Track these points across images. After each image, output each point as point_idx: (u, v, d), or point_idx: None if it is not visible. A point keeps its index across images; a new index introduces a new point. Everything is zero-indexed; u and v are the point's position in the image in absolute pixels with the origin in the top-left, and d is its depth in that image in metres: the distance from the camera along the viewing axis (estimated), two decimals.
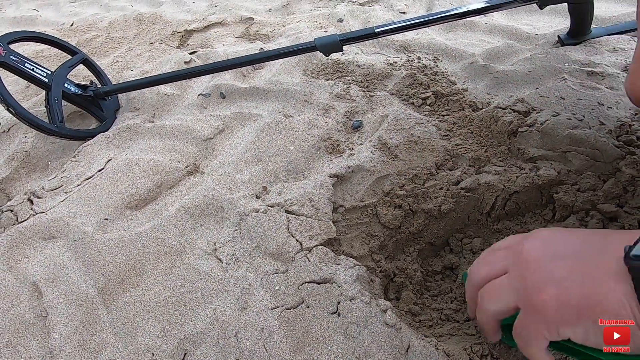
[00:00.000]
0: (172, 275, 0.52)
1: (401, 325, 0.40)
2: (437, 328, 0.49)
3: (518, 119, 0.63)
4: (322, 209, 0.57)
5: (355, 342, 0.39)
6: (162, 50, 1.16)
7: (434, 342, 0.39)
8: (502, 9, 0.80)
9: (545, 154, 0.57)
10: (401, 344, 0.38)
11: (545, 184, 0.54)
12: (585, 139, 0.55)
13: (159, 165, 0.71)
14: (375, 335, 0.39)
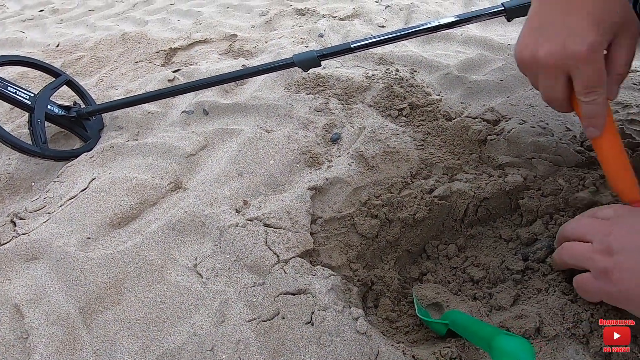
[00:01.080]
0: (153, 292, 0.53)
1: (372, 333, 0.41)
2: (412, 334, 0.50)
3: (487, 127, 0.65)
4: (300, 221, 0.58)
5: (328, 351, 0.40)
6: (146, 68, 1.18)
7: (402, 348, 0.40)
8: (471, 22, 0.83)
9: (513, 160, 0.60)
10: (371, 350, 0.39)
11: (513, 189, 0.56)
12: (548, 145, 0.57)
13: (142, 182, 0.73)
14: (347, 343, 0.40)
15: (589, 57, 0.36)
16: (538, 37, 0.39)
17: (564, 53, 0.37)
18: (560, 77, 0.39)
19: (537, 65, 0.39)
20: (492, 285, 0.53)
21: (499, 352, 0.29)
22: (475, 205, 0.58)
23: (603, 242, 0.36)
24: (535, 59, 0.39)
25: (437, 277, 0.57)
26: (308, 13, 1.42)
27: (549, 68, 0.38)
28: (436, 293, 0.52)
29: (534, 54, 0.39)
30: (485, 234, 0.59)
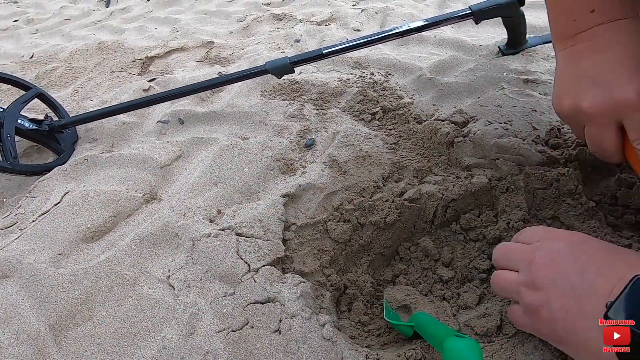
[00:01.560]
0: (124, 306, 0.52)
1: (337, 338, 0.42)
2: (384, 336, 0.51)
3: (454, 130, 0.66)
4: (272, 228, 0.59)
5: (294, 358, 0.40)
6: (122, 78, 1.17)
7: (365, 352, 0.41)
8: (440, 25, 0.85)
9: (479, 162, 0.61)
10: (336, 356, 0.40)
11: (478, 190, 0.57)
12: (510, 146, 0.59)
13: (116, 195, 0.72)
14: (313, 349, 0.41)
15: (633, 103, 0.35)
16: (577, 87, 0.38)
17: (612, 101, 0.35)
18: (609, 126, 0.37)
19: (582, 116, 0.38)
20: (460, 284, 0.54)
21: (448, 353, 0.30)
22: (443, 207, 0.59)
23: (527, 273, 0.36)
24: (580, 109, 0.37)
25: (410, 279, 0.58)
26: (285, 18, 1.42)
27: (597, 117, 0.37)
28: (406, 295, 0.53)
29: (577, 104, 0.37)
30: (455, 235, 0.60)
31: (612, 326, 0.24)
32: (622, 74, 0.35)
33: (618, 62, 0.36)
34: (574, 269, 0.33)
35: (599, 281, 0.32)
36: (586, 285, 0.32)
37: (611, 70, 0.36)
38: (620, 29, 0.36)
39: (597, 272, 0.32)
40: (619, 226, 0.51)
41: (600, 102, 0.36)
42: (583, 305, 0.31)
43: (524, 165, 0.57)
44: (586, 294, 0.32)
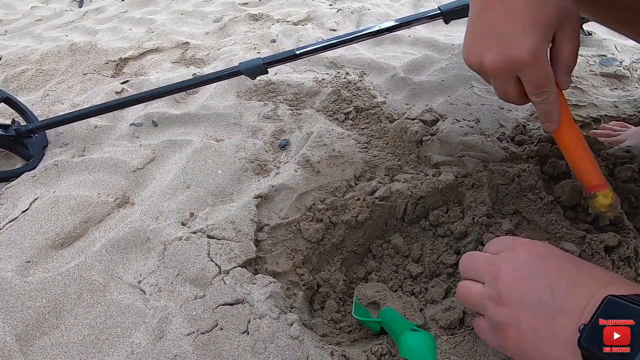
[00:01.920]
0: (93, 313, 0.52)
1: (304, 337, 0.42)
2: (355, 333, 0.52)
3: (423, 128, 0.68)
4: (244, 230, 0.59)
5: (261, 358, 0.41)
6: (95, 80, 1.15)
7: (331, 349, 0.41)
8: (411, 26, 0.86)
9: (446, 159, 0.63)
10: (302, 354, 0.40)
11: (445, 187, 0.59)
12: (474, 144, 0.61)
13: (86, 200, 0.71)
14: (280, 349, 0.42)
15: (531, 60, 0.37)
16: (481, 42, 0.39)
17: (508, 60, 0.37)
18: (509, 80, 0.40)
19: (486, 71, 0.40)
20: (429, 279, 0.55)
21: (402, 346, 0.31)
22: (413, 204, 0.61)
23: (492, 286, 0.35)
24: (483, 66, 0.40)
25: (381, 276, 0.59)
26: (262, 18, 1.42)
27: (497, 73, 0.39)
28: (375, 291, 0.54)
29: (481, 61, 0.39)
30: (425, 231, 0.61)
31: (612, 326, 0.23)
32: (519, 29, 0.36)
33: (518, 16, 0.36)
34: (543, 285, 0.32)
35: (569, 300, 0.31)
36: (557, 305, 0.31)
37: (510, 25, 0.37)
38: None
39: (567, 290, 0.31)
40: (576, 218, 0.53)
41: (499, 60, 0.38)
42: (554, 327, 0.30)
43: (488, 162, 0.59)
44: (557, 313, 0.30)
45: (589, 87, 0.82)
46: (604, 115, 0.74)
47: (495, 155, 0.59)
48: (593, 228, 0.50)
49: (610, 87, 0.83)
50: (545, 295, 0.31)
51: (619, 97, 0.79)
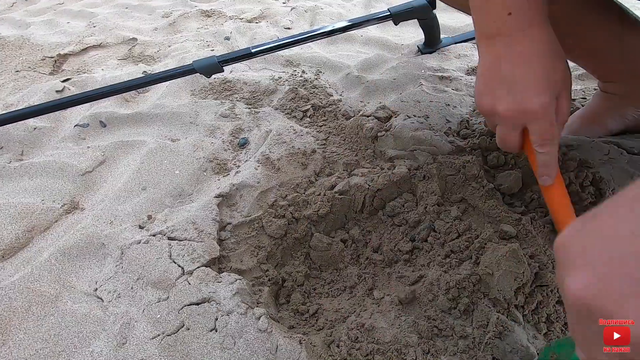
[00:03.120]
0: (45, 325, 0.49)
1: (272, 329, 0.44)
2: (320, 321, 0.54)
3: (378, 125, 0.72)
4: (206, 230, 0.59)
5: (231, 353, 0.41)
6: (30, 78, 1.06)
7: (299, 338, 0.43)
8: (362, 26, 0.90)
9: (399, 153, 0.67)
10: (271, 345, 0.42)
11: (400, 180, 0.63)
12: (424, 138, 0.65)
13: (29, 207, 0.66)
14: (249, 342, 0.43)
15: (543, 114, 0.41)
16: (495, 90, 0.43)
17: (522, 110, 0.42)
18: (517, 129, 0.44)
19: (496, 117, 0.44)
20: (388, 266, 0.59)
21: None
22: (370, 197, 0.64)
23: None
24: (495, 111, 0.43)
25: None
26: (214, 15, 1.39)
27: (507, 120, 0.43)
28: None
29: (493, 107, 0.43)
30: (383, 222, 0.65)
31: (612, 326, 0.22)
32: (533, 85, 0.41)
33: (533, 73, 0.41)
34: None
35: None
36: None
37: (525, 79, 0.42)
38: (534, 37, 0.42)
39: None
40: (513, 204, 0.59)
41: (512, 109, 0.42)
42: None
43: (437, 154, 0.64)
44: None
45: None
46: None
47: (443, 149, 0.64)
48: (527, 210, 0.56)
49: None
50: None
51: None
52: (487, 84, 0.44)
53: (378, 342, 0.45)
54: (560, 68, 0.43)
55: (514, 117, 0.43)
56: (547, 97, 0.41)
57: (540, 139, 0.43)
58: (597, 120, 0.67)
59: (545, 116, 0.42)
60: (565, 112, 0.44)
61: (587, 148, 0.63)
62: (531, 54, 0.42)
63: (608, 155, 0.62)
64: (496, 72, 0.43)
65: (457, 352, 0.43)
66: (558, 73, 0.42)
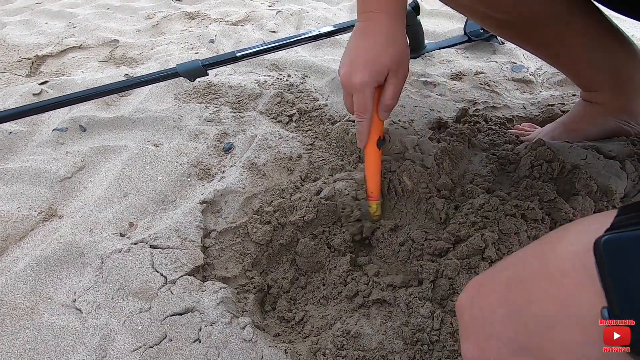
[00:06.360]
0: (20, 339, 0.47)
1: (257, 338, 0.43)
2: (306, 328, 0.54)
3: None
4: (190, 237, 0.58)
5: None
6: (6, 80, 1.03)
7: (284, 347, 0.43)
8: (348, 31, 0.90)
9: (385, 158, 0.67)
10: (256, 355, 0.41)
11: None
12: (407, 141, 0.66)
13: (3, 215, 0.64)
14: (234, 353, 0.42)
15: (359, 89, 0.49)
16: (345, 59, 0.52)
17: (348, 81, 0.50)
18: (348, 95, 0.53)
19: (353, 87, 0.51)
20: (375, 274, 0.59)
21: None
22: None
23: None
24: (351, 82, 0.51)
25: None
26: (199, 17, 1.37)
27: (343, 86, 0.52)
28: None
29: (339, 74, 0.52)
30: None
31: (612, 326, 0.21)
32: (361, 62, 0.49)
33: (364, 55, 0.50)
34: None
35: None
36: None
37: (358, 56, 0.50)
38: (382, 21, 0.50)
39: None
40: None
41: (344, 78, 0.51)
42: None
43: (422, 159, 0.64)
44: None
45: (503, 91, 0.93)
46: (516, 115, 0.84)
47: (426, 151, 0.65)
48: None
49: (520, 90, 0.95)
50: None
51: (527, 99, 0.91)
52: (346, 51, 0.53)
53: (364, 349, 0.45)
54: (390, 53, 0.49)
55: (345, 85, 0.51)
56: (367, 77, 0.48)
57: (357, 109, 0.51)
58: (577, 128, 0.68)
59: (362, 91, 0.49)
60: (389, 96, 0.51)
61: (565, 152, 0.65)
62: (373, 34, 0.50)
63: (585, 159, 0.64)
64: (351, 43, 0.53)
65: (441, 357, 0.44)
66: (387, 59, 0.49)
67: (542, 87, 0.97)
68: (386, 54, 0.49)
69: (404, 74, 0.51)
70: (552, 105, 0.85)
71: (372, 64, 0.49)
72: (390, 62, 0.49)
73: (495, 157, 0.68)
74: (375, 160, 0.57)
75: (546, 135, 0.72)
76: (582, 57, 0.63)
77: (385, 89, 0.51)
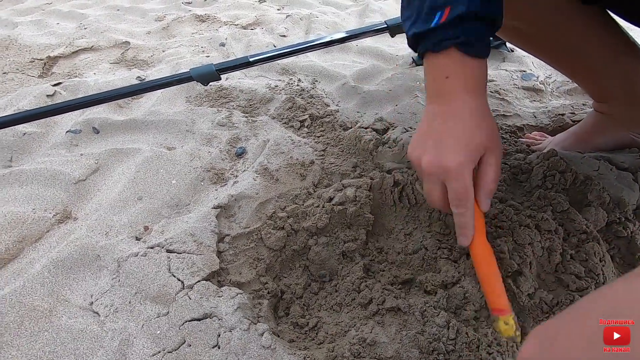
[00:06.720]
0: (40, 342, 0.48)
1: (276, 345, 0.43)
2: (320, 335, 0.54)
3: (376, 137, 0.72)
4: (205, 242, 0.58)
5: None
6: (18, 81, 1.04)
7: (303, 355, 0.43)
8: (360, 38, 0.91)
9: (398, 166, 0.68)
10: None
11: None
12: None
13: (19, 217, 0.64)
14: (253, 359, 0.42)
15: (457, 173, 0.42)
16: (424, 144, 0.45)
17: (438, 165, 0.43)
18: (437, 184, 0.45)
19: (421, 170, 0.46)
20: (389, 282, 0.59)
21: None
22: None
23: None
24: (419, 164, 0.45)
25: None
26: (208, 20, 1.38)
27: (427, 174, 0.45)
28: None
29: (419, 159, 0.45)
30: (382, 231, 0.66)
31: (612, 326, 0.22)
32: (453, 143, 0.43)
33: (455, 133, 0.43)
34: None
35: None
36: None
37: (448, 138, 0.44)
38: (467, 100, 0.44)
39: None
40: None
41: (431, 163, 0.44)
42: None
43: None
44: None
45: (513, 99, 0.94)
46: (526, 124, 0.85)
47: None
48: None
49: (530, 99, 0.96)
50: None
51: (537, 108, 0.91)
52: (420, 136, 0.46)
53: (380, 357, 0.46)
54: (485, 132, 0.44)
55: (432, 172, 0.44)
56: (463, 157, 0.42)
57: (455, 198, 0.43)
58: (589, 139, 0.69)
59: (459, 175, 0.42)
60: (489, 179, 0.44)
61: (577, 163, 0.66)
62: (460, 114, 0.44)
63: (598, 170, 0.64)
64: (429, 127, 0.46)
65: None
66: (481, 136, 0.43)
67: (552, 95, 0.98)
68: (480, 131, 0.43)
69: (500, 152, 0.45)
70: (562, 115, 0.85)
71: (466, 144, 0.42)
72: (486, 140, 0.43)
73: (507, 167, 0.68)
74: (491, 261, 0.45)
75: (557, 145, 0.73)
76: (596, 68, 0.64)
77: (483, 172, 0.44)
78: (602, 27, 0.61)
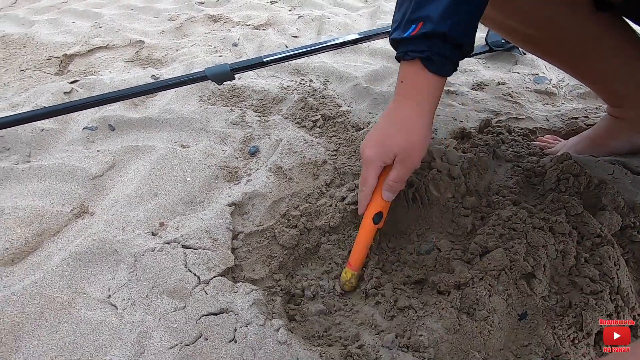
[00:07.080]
0: (60, 332, 0.49)
1: (292, 341, 0.44)
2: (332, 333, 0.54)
3: None
4: (220, 239, 0.59)
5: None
6: (36, 78, 1.05)
7: (319, 351, 0.44)
8: (372, 39, 0.91)
9: None
10: (292, 357, 0.42)
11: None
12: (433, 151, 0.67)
13: (38, 211, 0.66)
14: (269, 354, 0.43)
15: (365, 163, 0.53)
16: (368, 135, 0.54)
17: (361, 153, 0.54)
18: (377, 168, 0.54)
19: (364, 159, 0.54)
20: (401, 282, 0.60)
21: None
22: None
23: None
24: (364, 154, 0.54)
25: None
26: (221, 20, 1.40)
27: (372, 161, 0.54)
28: None
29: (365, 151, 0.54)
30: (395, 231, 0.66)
31: (612, 326, 0.23)
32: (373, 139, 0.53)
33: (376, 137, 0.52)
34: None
35: None
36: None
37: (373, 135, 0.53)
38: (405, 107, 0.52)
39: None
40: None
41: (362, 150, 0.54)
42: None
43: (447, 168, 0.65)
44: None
45: (525, 102, 0.93)
46: (539, 127, 0.85)
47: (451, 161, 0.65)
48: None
49: (542, 102, 0.95)
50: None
51: (549, 111, 0.91)
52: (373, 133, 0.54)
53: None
54: (400, 140, 0.51)
55: (378, 155, 0.53)
56: (373, 153, 0.52)
57: (361, 180, 0.54)
58: (603, 143, 0.69)
59: (366, 165, 0.53)
60: (390, 178, 0.52)
61: (592, 167, 0.65)
62: (393, 116, 0.52)
63: (612, 175, 0.64)
64: (380, 116, 0.55)
65: None
66: (396, 142, 0.51)
67: (565, 99, 0.97)
68: (396, 139, 0.51)
69: (411, 164, 0.52)
70: (576, 119, 0.85)
71: (381, 145, 0.51)
72: (397, 149, 0.51)
73: (521, 169, 0.68)
74: (367, 233, 0.56)
75: (570, 148, 0.72)
76: (610, 73, 0.64)
77: (389, 170, 0.53)
78: (616, 32, 0.61)
